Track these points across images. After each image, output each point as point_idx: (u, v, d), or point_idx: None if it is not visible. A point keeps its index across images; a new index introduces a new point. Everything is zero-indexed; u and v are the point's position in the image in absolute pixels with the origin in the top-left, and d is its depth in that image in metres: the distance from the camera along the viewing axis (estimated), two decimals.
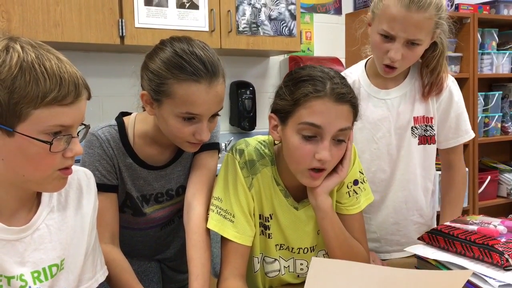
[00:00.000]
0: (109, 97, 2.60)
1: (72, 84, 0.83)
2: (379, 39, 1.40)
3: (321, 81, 1.08)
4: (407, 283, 0.89)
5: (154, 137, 1.24)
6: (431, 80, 1.48)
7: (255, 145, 1.23)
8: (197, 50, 1.12)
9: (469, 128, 1.57)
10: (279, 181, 1.22)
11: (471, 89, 3.28)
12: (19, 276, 0.89)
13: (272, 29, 2.68)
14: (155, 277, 1.45)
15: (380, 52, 1.41)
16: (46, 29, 2.13)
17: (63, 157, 0.86)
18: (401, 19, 1.33)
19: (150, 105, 1.16)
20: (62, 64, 0.83)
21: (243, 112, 2.87)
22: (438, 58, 1.46)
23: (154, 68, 1.12)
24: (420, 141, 1.52)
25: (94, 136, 1.22)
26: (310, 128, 1.08)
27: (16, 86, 0.79)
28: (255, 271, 1.26)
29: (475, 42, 3.29)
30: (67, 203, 0.99)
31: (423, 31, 1.36)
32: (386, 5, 1.36)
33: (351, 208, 1.26)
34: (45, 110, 0.81)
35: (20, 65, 0.79)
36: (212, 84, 1.11)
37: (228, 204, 1.18)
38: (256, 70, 3.04)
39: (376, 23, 1.41)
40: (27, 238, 0.91)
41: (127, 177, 1.26)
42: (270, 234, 1.23)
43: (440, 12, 1.37)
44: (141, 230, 1.39)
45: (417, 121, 1.51)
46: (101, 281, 1.07)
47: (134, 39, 2.30)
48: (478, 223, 1.24)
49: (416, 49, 1.39)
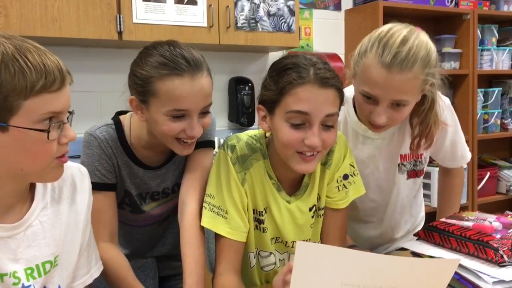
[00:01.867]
0: (107, 93, 2.60)
1: (56, 69, 0.83)
2: (361, 99, 1.26)
3: (304, 67, 1.08)
4: (393, 269, 0.89)
5: (148, 141, 1.25)
6: (419, 133, 1.35)
7: (246, 139, 1.23)
8: (179, 49, 1.12)
9: (466, 151, 1.53)
10: (272, 175, 1.22)
11: (471, 86, 3.28)
12: (12, 273, 0.89)
13: (271, 25, 2.67)
14: (151, 273, 1.46)
15: (364, 112, 1.28)
16: (43, 24, 2.12)
17: (58, 144, 0.86)
18: (383, 81, 1.17)
19: (140, 110, 1.16)
20: (42, 52, 0.83)
21: (242, 108, 2.87)
22: (426, 112, 1.32)
23: (138, 71, 1.13)
24: (409, 176, 1.48)
25: (92, 136, 1.22)
26: (298, 115, 1.07)
27: (2, 80, 0.78)
28: (251, 266, 1.27)
29: (474, 38, 3.28)
30: (60, 199, 0.99)
31: (409, 92, 1.20)
32: (366, 65, 1.21)
33: (339, 203, 1.27)
34: (35, 99, 0.81)
35: (1, 58, 0.79)
36: (195, 76, 1.11)
37: (220, 200, 1.18)
38: (255, 66, 3.03)
39: (357, 81, 1.26)
40: (19, 235, 0.91)
41: (125, 175, 1.27)
42: (265, 228, 1.23)
43: (428, 69, 1.20)
44: (139, 228, 1.40)
45: (405, 158, 1.45)
46: (95, 276, 1.07)
47: (132, 35, 2.29)
48: (473, 220, 1.24)
49: (402, 109, 1.24)
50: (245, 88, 2.87)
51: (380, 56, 1.17)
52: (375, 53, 1.19)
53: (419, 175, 1.50)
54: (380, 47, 1.18)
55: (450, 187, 1.60)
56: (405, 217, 1.57)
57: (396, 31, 1.20)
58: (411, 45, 1.17)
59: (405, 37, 1.18)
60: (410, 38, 1.18)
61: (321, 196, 1.26)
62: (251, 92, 2.88)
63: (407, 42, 1.17)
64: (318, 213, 1.28)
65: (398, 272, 0.90)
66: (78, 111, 0.91)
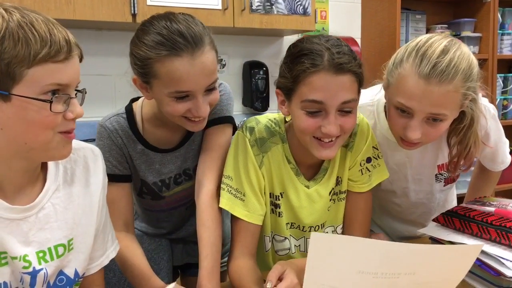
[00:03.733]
0: (122, 76, 2.58)
1: (63, 39, 0.81)
2: (394, 112, 1.17)
3: (318, 53, 1.04)
4: (412, 257, 0.86)
5: (162, 118, 1.22)
6: (458, 153, 1.26)
7: (266, 122, 1.21)
8: (176, 24, 1.06)
9: (506, 157, 1.46)
10: (291, 159, 1.20)
11: (490, 71, 3.21)
12: (23, 257, 0.88)
13: (286, 7, 2.62)
14: (165, 255, 1.45)
15: (397, 127, 1.19)
16: (58, 7, 2.11)
17: (64, 119, 0.84)
18: (420, 93, 1.09)
19: (144, 89, 1.14)
20: (50, 22, 0.81)
21: (256, 93, 2.84)
22: (465, 131, 1.22)
23: (136, 52, 1.09)
24: (446, 183, 1.42)
25: (102, 128, 1.21)
26: (313, 104, 1.05)
27: (5, 47, 0.76)
28: (266, 250, 1.26)
29: (495, 22, 3.20)
30: (73, 181, 0.97)
31: (448, 106, 1.11)
32: (402, 75, 1.13)
33: (363, 186, 1.25)
34: (39, 68, 0.79)
35: (6, 26, 0.77)
36: (195, 55, 1.05)
37: (238, 182, 1.16)
38: (269, 50, 2.99)
39: (391, 92, 1.18)
40: (32, 218, 0.89)
41: (140, 164, 1.25)
42: (280, 213, 1.22)
43: (469, 82, 1.11)
44: (164, 212, 1.39)
45: (443, 168, 1.37)
46: (112, 257, 1.06)
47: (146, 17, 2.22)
48: (495, 205, 1.22)
49: (439, 125, 1.15)
50: (260, 72, 2.84)
51: (418, 66, 1.10)
52: (412, 62, 1.11)
53: (456, 179, 1.45)
54: (418, 56, 1.11)
55: (486, 177, 1.55)
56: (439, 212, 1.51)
57: (436, 41, 1.13)
58: (452, 56, 1.10)
59: (445, 47, 1.11)
60: (451, 49, 1.11)
61: (343, 178, 1.24)
62: (266, 76, 2.85)
63: (448, 53, 1.10)
64: (339, 196, 1.26)
65: (417, 259, 0.87)
66: (92, 94, 0.89)
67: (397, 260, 0.86)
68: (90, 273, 1.02)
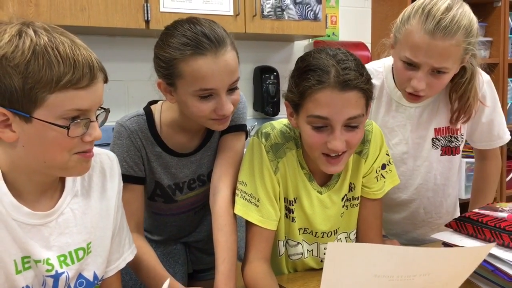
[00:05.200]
0: (135, 82, 2.62)
1: (86, 66, 0.82)
2: (401, 66, 1.28)
3: (324, 69, 1.05)
4: (426, 259, 0.88)
5: (181, 124, 1.24)
6: (459, 107, 1.37)
7: (281, 128, 1.22)
8: (199, 26, 1.11)
9: (503, 132, 1.49)
10: (304, 165, 1.21)
11: (501, 75, 3.20)
12: (46, 260, 0.91)
13: (297, 13, 2.64)
14: (180, 259, 1.47)
15: (403, 80, 1.30)
16: (73, 13, 2.14)
17: (81, 141, 0.86)
18: (425, 47, 1.21)
19: (168, 93, 1.16)
20: (76, 46, 0.83)
21: (267, 98, 2.86)
22: (466, 85, 1.34)
23: (161, 54, 1.12)
24: (443, 152, 1.46)
25: (122, 127, 1.22)
26: (318, 120, 1.07)
27: (30, 71, 0.79)
28: (280, 254, 1.27)
29: (506, 26, 3.19)
30: (90, 187, 1.00)
31: (450, 59, 1.23)
32: (409, 31, 1.24)
33: (377, 193, 1.26)
34: (61, 94, 0.81)
35: (33, 49, 0.79)
36: (218, 53, 1.09)
37: (253, 188, 1.18)
38: (280, 55, 3.01)
39: (398, 48, 1.29)
40: (52, 223, 0.92)
41: (156, 167, 1.27)
42: (293, 218, 1.23)
43: (470, 38, 1.23)
44: (174, 216, 1.40)
45: (440, 133, 1.44)
46: (129, 260, 1.08)
47: (159, 24, 2.30)
48: (508, 210, 1.22)
49: (442, 77, 1.27)
50: (270, 77, 2.86)
51: (424, 22, 1.21)
52: (419, 19, 1.22)
53: (454, 152, 1.47)
54: (424, 14, 1.22)
55: (486, 175, 1.56)
56: (439, 198, 1.52)
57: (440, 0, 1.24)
58: (454, 13, 1.21)
59: (449, 5, 1.22)
60: (454, 7, 1.22)
61: (356, 185, 1.25)
62: (277, 81, 2.87)
63: (451, 10, 1.21)
64: (352, 202, 1.27)
65: (431, 261, 0.89)
66: (105, 100, 0.90)
67: (413, 263, 0.87)
68: (107, 276, 1.04)
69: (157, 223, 1.41)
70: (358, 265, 0.85)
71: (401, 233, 1.55)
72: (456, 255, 0.92)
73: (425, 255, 0.89)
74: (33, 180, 0.90)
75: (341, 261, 0.85)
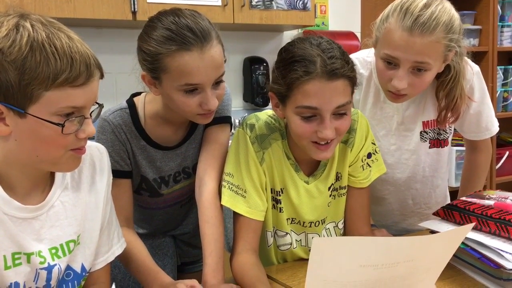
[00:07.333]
0: (122, 74, 2.58)
1: (83, 64, 0.82)
2: (382, 65, 1.27)
3: (310, 60, 1.05)
4: (410, 247, 0.89)
5: (165, 116, 1.23)
6: (446, 105, 1.36)
7: (266, 119, 1.22)
8: (184, 19, 1.09)
9: (491, 124, 1.49)
10: (290, 155, 1.21)
11: (490, 63, 3.20)
12: (38, 252, 0.91)
13: (285, 3, 2.63)
14: (169, 252, 1.47)
15: (384, 79, 1.28)
16: (58, 5, 2.12)
17: (76, 138, 0.86)
18: (404, 44, 1.20)
19: (153, 85, 1.15)
20: (73, 43, 0.82)
21: (257, 88, 2.84)
22: (452, 83, 1.32)
23: (146, 48, 1.10)
24: (432, 145, 1.46)
25: (106, 122, 1.21)
26: (308, 110, 1.07)
27: (26, 67, 0.78)
28: (269, 245, 1.27)
29: (495, 14, 3.19)
30: (80, 180, 1.00)
31: (431, 56, 1.21)
32: (388, 29, 1.23)
33: (364, 181, 1.26)
34: (57, 92, 0.80)
35: (31, 45, 0.78)
36: (204, 49, 1.08)
37: (239, 179, 1.17)
38: (269, 45, 2.99)
39: (378, 47, 1.28)
40: (42, 216, 0.92)
41: (141, 160, 1.26)
42: (281, 208, 1.23)
43: (451, 34, 1.21)
44: (160, 209, 1.40)
45: (428, 126, 1.43)
46: (118, 253, 1.08)
47: (146, 15, 2.26)
48: (495, 198, 1.23)
49: (424, 75, 1.24)
50: (260, 68, 2.85)
51: (402, 19, 1.20)
52: (397, 17, 1.21)
53: (443, 145, 1.47)
54: (402, 11, 1.21)
55: (475, 166, 1.56)
56: (427, 189, 1.53)
57: None
58: (433, 10, 1.20)
59: (427, 2, 1.21)
60: (433, 4, 1.22)
61: (342, 174, 1.26)
62: (266, 72, 2.86)
63: (430, 6, 1.20)
64: (339, 192, 1.27)
65: (414, 249, 0.90)
66: None
67: (396, 252, 0.89)
68: (95, 268, 1.04)
69: (143, 217, 1.41)
70: (343, 258, 0.86)
71: (390, 224, 1.56)
72: (436, 239, 0.94)
73: (409, 243, 0.90)
74: (24, 174, 0.90)
75: (326, 256, 0.86)
